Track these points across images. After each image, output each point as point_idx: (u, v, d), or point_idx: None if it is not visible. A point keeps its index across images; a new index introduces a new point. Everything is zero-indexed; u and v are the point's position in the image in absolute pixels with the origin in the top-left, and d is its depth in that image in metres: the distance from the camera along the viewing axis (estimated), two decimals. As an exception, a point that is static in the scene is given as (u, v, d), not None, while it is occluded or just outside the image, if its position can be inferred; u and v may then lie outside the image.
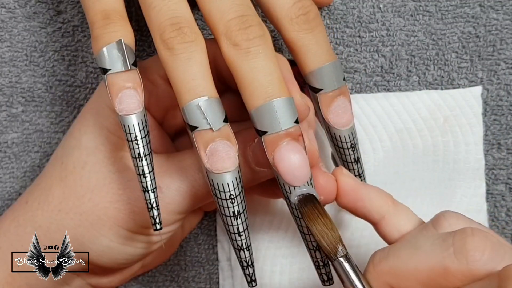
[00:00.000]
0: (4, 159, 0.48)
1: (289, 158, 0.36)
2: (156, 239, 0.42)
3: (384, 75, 0.48)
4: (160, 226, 0.37)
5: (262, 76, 0.35)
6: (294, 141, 0.36)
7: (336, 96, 0.40)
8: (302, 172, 0.36)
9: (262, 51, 0.35)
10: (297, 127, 0.36)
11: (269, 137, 0.36)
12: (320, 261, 0.38)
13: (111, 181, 0.40)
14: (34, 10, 0.47)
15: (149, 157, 0.37)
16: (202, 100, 0.35)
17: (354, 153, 0.41)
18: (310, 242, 0.38)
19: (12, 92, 0.48)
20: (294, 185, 0.36)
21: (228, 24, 0.36)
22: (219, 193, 0.36)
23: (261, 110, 0.35)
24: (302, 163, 0.36)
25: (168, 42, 0.35)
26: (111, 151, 0.41)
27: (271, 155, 0.36)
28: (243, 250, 0.37)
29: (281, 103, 0.35)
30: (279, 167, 0.36)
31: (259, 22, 0.36)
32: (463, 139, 0.48)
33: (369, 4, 0.47)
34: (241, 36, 0.35)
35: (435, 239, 0.36)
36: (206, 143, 0.36)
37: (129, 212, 0.40)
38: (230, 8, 0.36)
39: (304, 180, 0.36)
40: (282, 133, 0.36)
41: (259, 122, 0.36)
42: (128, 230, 0.40)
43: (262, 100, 0.35)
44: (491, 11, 0.47)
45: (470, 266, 0.34)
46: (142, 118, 0.36)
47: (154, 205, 0.37)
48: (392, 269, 0.36)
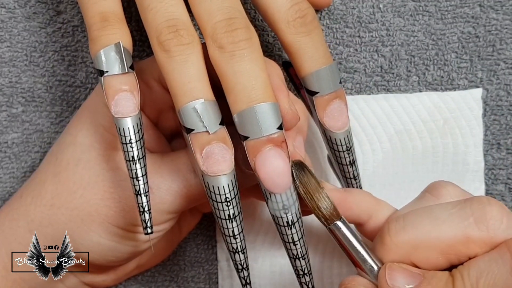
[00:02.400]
0: (4, 159, 0.48)
1: (270, 165, 0.35)
2: (145, 238, 0.42)
3: (384, 75, 0.48)
4: (151, 230, 0.37)
5: (246, 80, 0.35)
6: (276, 147, 0.35)
7: (332, 99, 0.39)
8: (283, 179, 0.35)
9: (247, 55, 0.35)
10: (280, 133, 0.35)
11: (251, 143, 0.35)
12: (300, 270, 0.38)
13: (104, 179, 0.41)
14: (34, 10, 0.47)
15: (143, 160, 0.37)
16: (198, 102, 0.35)
17: (349, 156, 0.41)
18: (291, 250, 0.38)
19: (12, 92, 0.48)
20: (274, 192, 0.36)
21: (215, 26, 0.35)
22: (214, 196, 0.36)
23: (243, 115, 0.35)
24: (283, 170, 0.35)
25: (164, 44, 0.35)
26: (105, 149, 0.41)
27: (252, 161, 0.35)
28: (237, 253, 0.37)
29: (264, 109, 0.35)
30: (260, 173, 0.35)
31: (246, 25, 0.36)
32: (463, 141, 0.48)
33: (369, 4, 0.47)
34: (226, 39, 0.35)
35: (451, 208, 0.36)
36: (202, 145, 0.36)
37: (119, 210, 0.40)
38: (218, 10, 0.36)
39: (285, 188, 0.36)
40: (263, 139, 0.35)
41: (241, 127, 0.35)
42: (118, 227, 0.41)
43: (245, 104, 0.35)
44: (491, 11, 0.47)
45: (491, 233, 0.35)
46: (138, 121, 0.37)
47: (146, 209, 0.37)
48: (412, 240, 0.36)
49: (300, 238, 0.37)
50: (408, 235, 0.36)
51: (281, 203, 0.36)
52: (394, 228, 0.37)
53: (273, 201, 0.36)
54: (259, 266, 0.48)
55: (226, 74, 0.35)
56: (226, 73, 0.35)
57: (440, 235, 0.36)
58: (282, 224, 0.37)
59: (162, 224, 0.41)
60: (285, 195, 0.36)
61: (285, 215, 0.36)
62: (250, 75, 0.35)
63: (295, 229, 0.37)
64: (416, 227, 0.36)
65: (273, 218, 0.37)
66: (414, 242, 0.36)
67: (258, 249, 0.49)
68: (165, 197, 0.40)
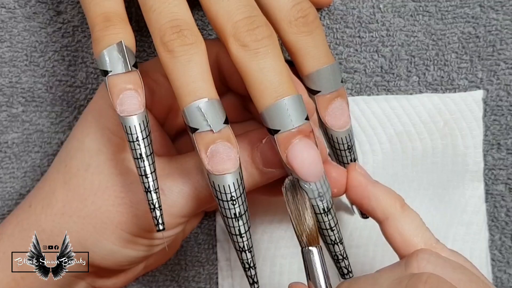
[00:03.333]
0: (4, 159, 0.48)
1: (303, 155, 0.36)
2: (158, 242, 0.42)
3: (384, 76, 0.48)
4: (163, 226, 0.37)
5: (272, 75, 0.36)
6: (306, 138, 0.36)
7: (334, 98, 0.40)
8: (316, 168, 0.36)
9: (270, 51, 0.36)
10: (308, 124, 0.36)
11: (282, 135, 0.36)
12: (340, 255, 0.39)
13: (114, 184, 0.40)
14: (34, 10, 0.47)
15: (151, 157, 0.37)
16: (202, 102, 0.35)
17: (350, 154, 0.42)
18: (328, 237, 0.38)
19: (12, 92, 0.48)
20: (309, 181, 0.36)
21: (236, 25, 0.36)
22: (220, 194, 0.36)
23: (272, 109, 0.36)
24: (315, 158, 0.36)
25: (168, 45, 0.35)
26: (113, 152, 0.41)
27: (284, 153, 0.36)
28: (245, 252, 0.38)
29: (292, 101, 0.36)
30: (294, 164, 0.36)
31: (266, 22, 0.36)
32: (463, 142, 0.48)
33: (369, 4, 0.47)
34: (250, 37, 0.36)
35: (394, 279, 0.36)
36: (206, 144, 0.36)
37: (131, 215, 0.40)
38: (237, 9, 0.36)
39: (319, 176, 0.37)
40: (294, 130, 0.36)
41: (270, 121, 0.36)
42: (130, 234, 0.41)
43: (273, 99, 0.36)
44: (491, 11, 0.47)
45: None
46: (144, 119, 0.37)
47: (157, 206, 0.37)
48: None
49: (336, 223, 0.38)
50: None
51: (316, 191, 0.37)
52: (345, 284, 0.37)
53: (308, 190, 0.37)
54: (259, 266, 0.49)
55: (252, 71, 0.36)
56: (252, 70, 0.36)
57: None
58: (318, 212, 0.37)
59: (174, 229, 0.41)
60: (319, 182, 0.37)
61: (320, 202, 0.37)
62: (276, 70, 0.36)
63: (331, 215, 0.38)
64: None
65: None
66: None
67: (258, 249, 0.49)
68: (177, 200, 0.40)
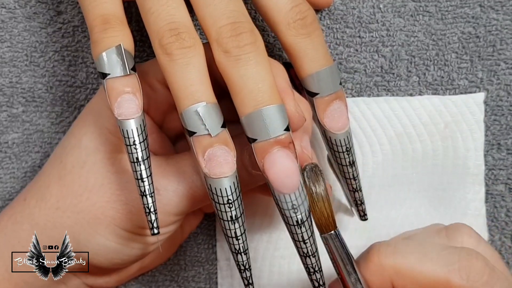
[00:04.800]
0: (4, 159, 0.48)
1: (278, 166, 0.35)
2: (153, 240, 0.42)
3: (384, 76, 0.48)
4: (157, 230, 0.37)
5: (252, 83, 0.35)
6: (284, 149, 0.36)
7: (332, 100, 0.40)
8: (292, 180, 0.36)
9: (252, 58, 0.35)
10: (288, 135, 0.36)
11: (258, 145, 0.36)
12: (311, 267, 0.38)
13: (110, 182, 0.41)
14: (34, 10, 0.47)
15: (148, 161, 0.37)
16: (200, 105, 0.35)
17: (349, 156, 0.41)
18: (301, 249, 0.38)
19: (13, 92, 0.48)
20: (283, 193, 0.36)
21: (220, 31, 0.36)
22: (217, 197, 0.36)
23: (251, 118, 0.35)
24: (291, 170, 0.36)
25: (166, 48, 0.35)
26: (110, 152, 0.41)
27: (261, 162, 0.36)
28: (240, 254, 0.38)
29: (271, 111, 0.35)
30: (268, 174, 0.36)
31: (251, 28, 0.36)
32: (463, 145, 0.48)
33: (369, 4, 0.47)
34: (231, 43, 0.35)
35: (442, 249, 0.38)
36: (204, 148, 0.36)
37: (126, 212, 0.40)
38: (223, 14, 0.36)
39: (294, 188, 0.36)
40: (271, 140, 0.35)
41: (249, 130, 0.36)
42: (125, 230, 0.41)
43: (252, 107, 0.35)
44: (491, 11, 0.47)
45: (470, 284, 0.38)
46: (141, 123, 0.37)
47: (152, 210, 0.37)
48: (398, 267, 0.38)
49: (310, 236, 0.37)
50: (394, 261, 0.38)
51: (290, 203, 0.36)
52: (384, 251, 0.39)
53: (282, 201, 0.36)
54: (258, 266, 0.49)
55: (232, 78, 0.36)
56: (232, 77, 0.36)
57: (424, 271, 0.38)
58: (291, 223, 0.37)
59: (168, 226, 0.41)
60: (293, 195, 0.36)
61: (294, 214, 0.37)
62: (256, 78, 0.35)
63: (305, 228, 0.37)
64: (404, 256, 0.38)
65: (282, 218, 0.38)
66: (399, 269, 0.38)
67: (257, 249, 0.49)
68: (171, 199, 0.40)
